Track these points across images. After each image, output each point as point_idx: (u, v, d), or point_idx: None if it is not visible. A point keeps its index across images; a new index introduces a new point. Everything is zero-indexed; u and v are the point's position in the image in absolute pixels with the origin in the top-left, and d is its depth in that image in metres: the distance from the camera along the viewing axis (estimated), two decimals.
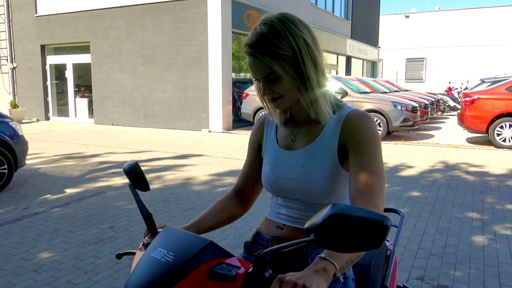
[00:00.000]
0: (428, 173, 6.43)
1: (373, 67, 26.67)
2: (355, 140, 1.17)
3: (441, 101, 16.66)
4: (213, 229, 1.39)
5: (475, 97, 9.18)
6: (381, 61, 31.42)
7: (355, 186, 1.12)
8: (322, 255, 0.93)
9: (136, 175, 1.28)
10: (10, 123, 5.67)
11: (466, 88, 16.23)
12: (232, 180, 5.94)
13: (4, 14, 14.49)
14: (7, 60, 14.76)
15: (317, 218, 0.79)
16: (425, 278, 3.06)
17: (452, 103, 17.73)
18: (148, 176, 6.12)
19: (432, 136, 10.87)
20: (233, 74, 12.23)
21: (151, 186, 5.58)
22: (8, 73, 14.82)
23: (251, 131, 1.48)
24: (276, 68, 1.14)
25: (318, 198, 1.22)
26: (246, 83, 12.95)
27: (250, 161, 1.45)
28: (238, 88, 12.65)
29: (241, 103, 11.95)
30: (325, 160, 1.21)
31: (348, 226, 0.76)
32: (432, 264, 3.29)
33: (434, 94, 17.49)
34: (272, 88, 1.19)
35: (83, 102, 14.08)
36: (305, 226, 0.81)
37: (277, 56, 1.14)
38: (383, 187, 1.13)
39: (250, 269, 0.91)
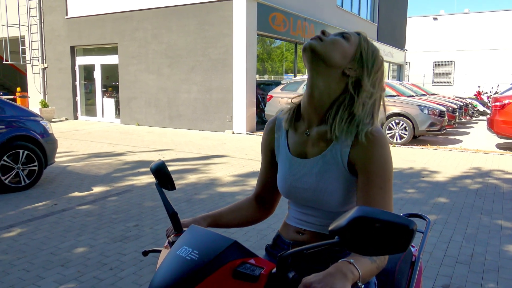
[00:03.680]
0: (455, 179, 6.28)
1: (399, 70, 26.25)
2: (365, 168, 1.14)
3: (469, 105, 16.24)
4: (231, 226, 1.39)
5: (506, 101, 8.91)
6: (408, 64, 30.87)
7: None
8: (351, 260, 0.93)
9: (162, 175, 1.30)
10: (41, 122, 5.85)
11: (496, 92, 15.78)
12: (255, 182, 5.95)
13: (36, 16, 14.97)
14: (38, 60, 15.23)
15: (342, 220, 0.79)
16: (451, 286, 2.99)
17: (481, 108, 17.27)
18: (172, 176, 6.20)
19: (460, 141, 10.62)
20: (257, 76, 12.27)
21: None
22: (39, 73, 15.29)
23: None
24: (363, 45, 1.23)
25: (334, 207, 1.21)
26: (270, 85, 12.96)
27: (265, 167, 1.44)
28: (262, 90, 12.68)
29: (265, 105, 11.96)
30: (338, 171, 1.19)
31: (373, 229, 0.76)
32: (459, 272, 3.21)
33: (463, 98, 17.07)
34: (332, 36, 1.22)
35: (110, 102, 14.39)
36: (330, 228, 0.81)
37: (366, 49, 1.22)
38: None
39: (274, 270, 0.91)
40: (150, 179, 6.10)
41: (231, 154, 8.23)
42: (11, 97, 14.01)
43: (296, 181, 1.26)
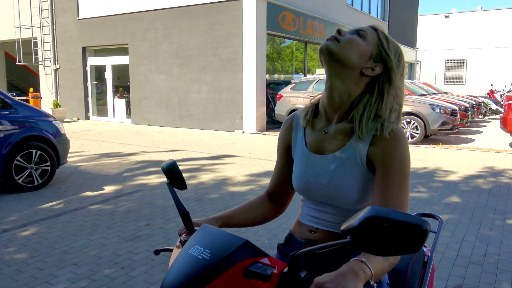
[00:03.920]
0: (468, 179, 6.21)
1: (410, 69, 26.05)
2: (384, 164, 1.14)
3: (482, 104, 16.05)
4: (241, 225, 1.39)
5: None
6: (419, 62, 30.62)
7: None
8: (363, 258, 0.93)
9: (174, 174, 1.30)
10: (53, 122, 5.91)
11: (509, 91, 15.55)
12: (266, 181, 5.95)
13: (48, 17, 15.14)
14: (50, 61, 15.40)
15: (354, 220, 0.78)
16: (464, 287, 2.96)
17: (494, 106, 17.05)
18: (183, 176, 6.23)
19: (472, 140, 10.49)
20: (267, 76, 12.26)
21: None
22: (51, 74, 15.47)
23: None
24: (383, 41, 1.21)
25: (350, 204, 1.21)
26: (280, 84, 12.95)
27: (280, 164, 1.44)
28: (272, 90, 12.67)
29: (275, 104, 11.95)
30: (355, 167, 1.19)
31: (386, 229, 0.75)
32: (472, 273, 3.18)
33: (475, 97, 16.88)
34: (346, 34, 1.21)
35: (121, 103, 14.50)
36: (342, 228, 0.80)
37: (387, 44, 1.21)
38: None
39: (285, 269, 0.91)
40: (160, 178, 6.13)
41: (241, 154, 8.24)
42: (24, 97, 14.19)
43: (312, 177, 1.26)
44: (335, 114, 1.25)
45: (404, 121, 9.78)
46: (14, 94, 15.35)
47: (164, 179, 6.05)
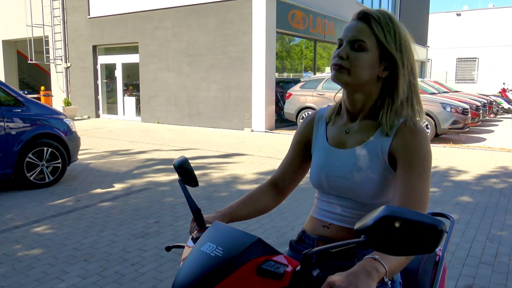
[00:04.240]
0: (479, 178, 6.15)
1: (421, 67, 25.82)
2: (406, 156, 1.15)
3: (494, 103, 15.86)
4: (245, 219, 1.40)
5: None
6: (430, 61, 30.32)
7: (398, 203, 1.11)
8: (376, 256, 0.92)
9: (185, 171, 1.30)
10: (64, 120, 5.97)
11: None
12: None
13: (59, 16, 15.27)
14: (61, 60, 15.53)
15: (368, 219, 0.78)
16: (474, 287, 2.94)
17: (506, 105, 16.85)
18: None
19: (484, 139, 10.38)
20: (277, 74, 12.24)
21: None
22: (62, 72, 15.60)
23: (295, 130, 1.49)
24: (381, 38, 1.17)
25: (368, 198, 1.21)
26: (290, 83, 12.92)
27: (292, 155, 1.45)
28: (281, 88, 12.65)
29: (284, 103, 11.93)
30: (376, 162, 1.20)
31: (401, 229, 0.75)
32: (482, 273, 3.15)
33: (487, 96, 16.68)
34: (348, 55, 1.19)
35: (131, 101, 14.58)
36: (356, 227, 0.80)
37: (385, 37, 1.18)
38: (425, 211, 1.13)
39: (298, 268, 0.91)
40: (170, 176, 6.16)
41: (250, 152, 8.24)
42: (36, 95, 14.34)
43: (332, 170, 1.27)
44: (358, 114, 1.28)
45: None
46: (26, 92, 15.51)
47: (173, 176, 6.08)
